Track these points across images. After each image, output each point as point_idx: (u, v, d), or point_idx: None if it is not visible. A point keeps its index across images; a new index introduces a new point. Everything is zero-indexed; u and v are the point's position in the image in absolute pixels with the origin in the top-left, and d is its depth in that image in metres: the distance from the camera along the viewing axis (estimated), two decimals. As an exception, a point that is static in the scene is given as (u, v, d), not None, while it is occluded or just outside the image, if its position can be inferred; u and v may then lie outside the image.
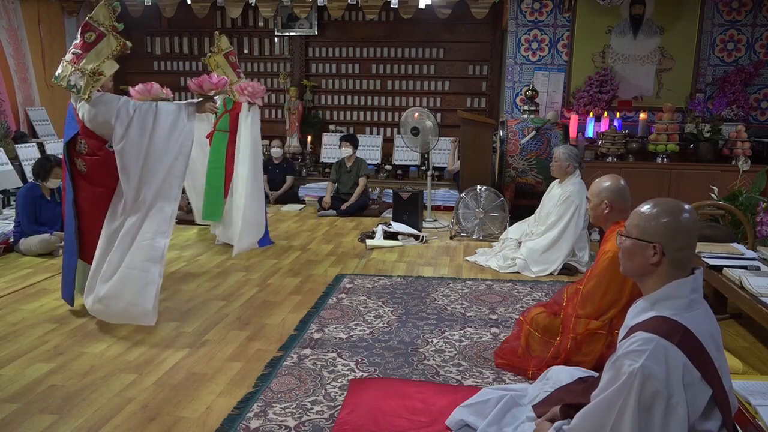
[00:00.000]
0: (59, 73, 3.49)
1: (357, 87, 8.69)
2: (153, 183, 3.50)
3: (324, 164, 8.34)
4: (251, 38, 8.79)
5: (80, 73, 3.40)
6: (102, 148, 3.52)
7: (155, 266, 3.46)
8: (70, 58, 3.46)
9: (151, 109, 3.50)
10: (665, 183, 6.64)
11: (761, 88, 7.11)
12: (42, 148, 7.12)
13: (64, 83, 3.45)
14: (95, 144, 3.51)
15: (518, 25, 7.36)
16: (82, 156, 3.54)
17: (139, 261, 3.45)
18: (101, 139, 3.51)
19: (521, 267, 4.79)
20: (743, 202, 4.69)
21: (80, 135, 3.52)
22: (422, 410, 2.50)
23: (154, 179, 3.50)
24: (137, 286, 3.42)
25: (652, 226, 1.73)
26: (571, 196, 4.71)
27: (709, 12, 7.05)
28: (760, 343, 3.49)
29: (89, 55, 3.42)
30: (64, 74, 3.45)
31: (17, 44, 7.37)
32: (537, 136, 6.03)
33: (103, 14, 3.48)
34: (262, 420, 2.49)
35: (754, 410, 2.25)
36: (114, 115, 3.41)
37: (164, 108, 3.56)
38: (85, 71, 3.39)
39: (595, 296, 2.79)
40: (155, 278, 3.45)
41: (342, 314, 3.76)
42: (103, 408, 2.59)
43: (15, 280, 4.39)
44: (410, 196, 6.19)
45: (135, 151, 3.45)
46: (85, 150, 3.53)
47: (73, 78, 3.41)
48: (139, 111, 3.47)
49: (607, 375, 1.70)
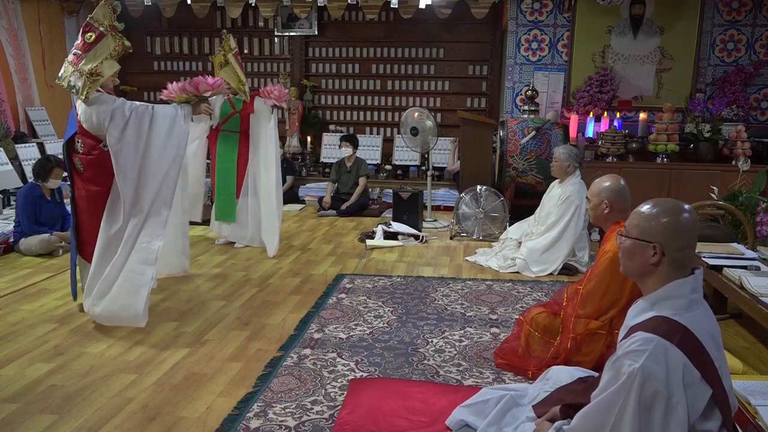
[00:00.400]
0: (61, 74, 3.50)
1: (357, 87, 8.69)
2: (152, 186, 3.50)
3: (324, 164, 8.34)
4: (251, 38, 8.79)
5: (78, 74, 3.40)
6: (97, 147, 3.52)
7: (149, 269, 3.46)
8: (71, 59, 3.47)
9: (148, 112, 3.50)
10: (665, 183, 6.64)
11: (761, 88, 7.11)
12: (42, 148, 7.12)
13: (65, 84, 3.46)
14: (91, 143, 3.53)
15: (518, 25, 7.36)
16: (78, 155, 3.56)
17: (135, 264, 3.45)
18: (96, 139, 3.52)
19: (521, 267, 4.79)
20: (743, 202, 4.69)
21: (77, 134, 3.54)
22: (422, 410, 2.50)
23: (152, 182, 3.50)
24: (131, 288, 3.42)
25: (652, 226, 1.73)
26: (571, 196, 4.71)
27: (709, 12, 7.05)
28: (760, 343, 3.49)
29: (88, 56, 3.42)
30: (65, 75, 3.47)
31: (17, 44, 7.36)
32: (537, 136, 6.03)
33: (103, 14, 3.47)
34: (262, 420, 2.49)
35: (754, 410, 2.26)
36: (108, 117, 3.41)
37: (160, 110, 3.56)
38: (83, 72, 3.39)
39: (595, 296, 2.79)
40: (148, 281, 3.45)
41: (342, 314, 3.76)
42: (103, 408, 2.59)
43: (15, 280, 4.39)
44: (410, 196, 6.19)
45: (132, 154, 3.45)
46: (81, 149, 3.55)
47: (73, 78, 3.42)
48: (136, 113, 3.46)
49: (607, 375, 1.70)
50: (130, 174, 3.46)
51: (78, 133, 3.53)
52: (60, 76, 3.50)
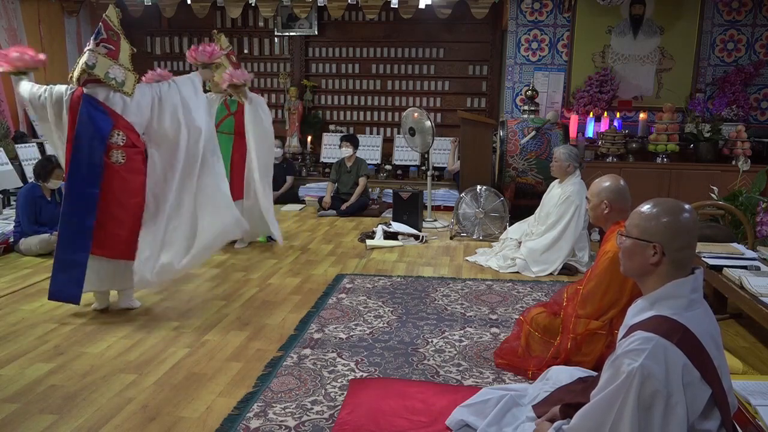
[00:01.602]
0: (94, 63, 3.53)
1: (357, 87, 8.70)
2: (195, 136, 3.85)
3: (324, 164, 8.34)
4: (251, 38, 8.79)
5: (122, 68, 3.60)
6: (138, 138, 3.71)
7: (223, 183, 4.04)
8: (105, 52, 3.58)
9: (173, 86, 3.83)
10: (665, 183, 6.64)
11: (761, 88, 7.11)
12: (42, 148, 7.12)
13: (101, 74, 3.53)
14: (134, 135, 3.68)
15: (518, 25, 7.36)
16: (121, 147, 3.63)
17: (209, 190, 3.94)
18: (137, 132, 3.69)
19: (521, 267, 4.79)
20: (743, 202, 4.69)
21: (116, 127, 3.60)
22: (422, 410, 2.50)
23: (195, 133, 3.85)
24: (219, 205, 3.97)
25: (653, 226, 1.73)
26: (571, 196, 4.71)
27: (709, 12, 7.05)
28: (760, 343, 3.49)
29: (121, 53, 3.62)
30: (101, 66, 3.54)
31: (16, 44, 7.36)
32: (537, 136, 6.03)
33: (115, 15, 3.67)
34: (262, 420, 2.49)
35: (754, 410, 2.26)
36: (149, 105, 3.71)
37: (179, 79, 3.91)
38: (128, 68, 3.62)
39: (595, 296, 2.79)
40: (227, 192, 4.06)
41: (342, 314, 3.76)
42: (103, 408, 2.59)
43: (15, 280, 4.39)
44: (410, 196, 6.19)
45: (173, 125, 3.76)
46: (123, 142, 3.64)
47: (113, 72, 3.56)
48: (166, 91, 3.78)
49: (606, 374, 1.70)
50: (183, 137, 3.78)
51: (118, 126, 3.61)
52: (91, 65, 3.53)
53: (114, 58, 3.59)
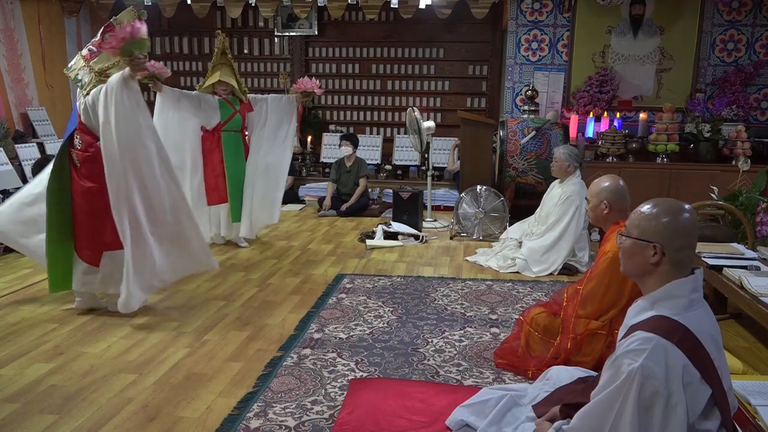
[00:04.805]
0: (72, 64, 3.63)
1: (357, 87, 8.69)
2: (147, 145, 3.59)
3: (324, 164, 8.33)
4: (251, 38, 8.79)
5: (88, 70, 3.55)
6: (94, 144, 3.58)
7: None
8: (85, 54, 3.60)
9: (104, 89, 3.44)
10: (665, 183, 6.64)
11: (761, 88, 7.11)
12: (42, 148, 7.11)
13: (72, 75, 3.59)
14: (88, 140, 3.59)
15: (518, 25, 7.36)
16: (77, 151, 3.63)
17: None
18: (94, 135, 3.58)
19: (521, 267, 4.79)
20: (743, 202, 4.68)
21: (76, 130, 3.61)
22: (422, 410, 2.50)
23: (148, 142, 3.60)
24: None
25: (652, 226, 1.73)
26: (571, 196, 4.71)
27: (709, 12, 7.05)
28: (760, 343, 3.49)
29: (102, 55, 3.55)
30: (75, 67, 3.60)
31: (12, 44, 7.34)
32: (537, 136, 6.03)
33: (128, 19, 3.56)
34: (262, 420, 2.49)
35: (754, 410, 2.25)
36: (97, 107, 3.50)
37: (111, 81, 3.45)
38: (93, 69, 3.54)
39: (595, 296, 2.79)
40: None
41: (342, 314, 3.76)
42: (103, 408, 2.59)
43: (15, 280, 4.39)
44: (410, 196, 6.19)
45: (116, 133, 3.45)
46: (79, 145, 3.62)
47: (81, 73, 3.55)
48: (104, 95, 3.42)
49: (606, 374, 1.70)
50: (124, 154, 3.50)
51: (77, 129, 3.60)
52: (70, 66, 3.63)
53: (88, 61, 3.57)
